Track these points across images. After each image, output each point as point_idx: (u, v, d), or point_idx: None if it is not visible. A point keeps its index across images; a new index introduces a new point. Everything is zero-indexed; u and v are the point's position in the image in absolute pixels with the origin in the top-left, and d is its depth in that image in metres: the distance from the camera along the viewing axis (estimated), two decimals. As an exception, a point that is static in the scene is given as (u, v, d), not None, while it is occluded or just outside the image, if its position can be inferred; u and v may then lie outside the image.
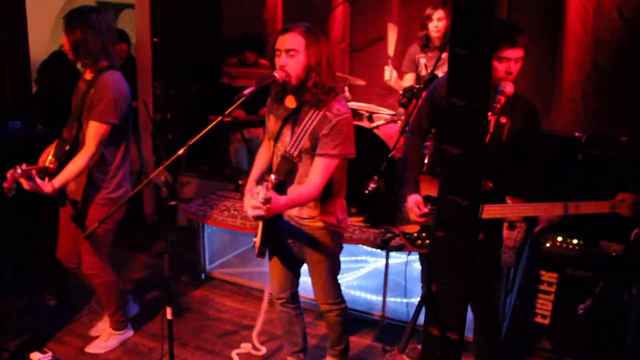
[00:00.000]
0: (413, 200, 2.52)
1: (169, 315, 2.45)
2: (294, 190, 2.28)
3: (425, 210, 2.50)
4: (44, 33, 6.14)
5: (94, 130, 2.75)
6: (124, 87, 2.82)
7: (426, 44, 4.00)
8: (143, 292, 3.89)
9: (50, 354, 2.99)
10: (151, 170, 4.75)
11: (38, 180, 2.58)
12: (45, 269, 3.56)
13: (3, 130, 3.38)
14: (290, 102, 2.42)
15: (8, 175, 2.52)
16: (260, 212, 2.05)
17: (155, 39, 4.95)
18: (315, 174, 2.31)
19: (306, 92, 2.30)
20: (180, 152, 2.28)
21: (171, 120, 5.14)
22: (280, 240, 2.55)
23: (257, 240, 2.44)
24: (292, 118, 2.40)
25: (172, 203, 2.41)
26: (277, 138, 2.46)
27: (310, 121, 2.31)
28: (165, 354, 2.53)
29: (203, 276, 4.13)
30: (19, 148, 3.32)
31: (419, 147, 2.67)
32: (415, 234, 2.59)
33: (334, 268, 2.62)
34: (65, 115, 3.89)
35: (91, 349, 3.21)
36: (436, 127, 2.62)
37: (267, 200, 2.01)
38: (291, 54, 2.26)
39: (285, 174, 2.36)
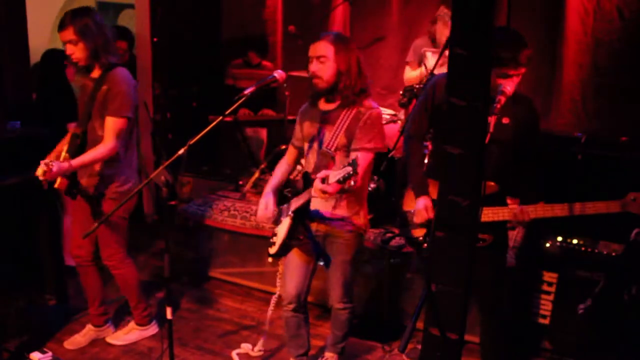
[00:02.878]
0: (423, 203, 2.51)
1: (169, 315, 2.45)
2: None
3: (432, 216, 2.45)
4: (44, 33, 6.13)
5: (112, 125, 2.83)
6: (133, 82, 2.94)
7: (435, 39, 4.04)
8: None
9: (50, 354, 2.99)
10: (151, 170, 4.75)
11: (55, 163, 2.65)
12: (45, 269, 3.56)
13: (3, 130, 3.38)
14: (323, 104, 2.60)
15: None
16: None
17: (155, 39, 4.95)
18: None
19: (337, 94, 2.51)
20: (181, 152, 2.30)
21: (171, 120, 5.15)
22: (307, 232, 2.58)
23: (279, 239, 2.53)
24: (328, 118, 2.55)
25: (172, 203, 2.43)
26: (312, 139, 2.60)
27: (345, 119, 2.51)
28: (164, 354, 2.54)
29: (203, 276, 4.13)
30: (19, 148, 3.32)
31: (420, 149, 2.67)
32: (421, 238, 2.56)
33: (355, 268, 2.74)
34: (63, 115, 3.86)
35: (111, 339, 3.28)
36: (436, 127, 2.60)
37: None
38: (322, 61, 2.48)
39: (323, 168, 2.49)
